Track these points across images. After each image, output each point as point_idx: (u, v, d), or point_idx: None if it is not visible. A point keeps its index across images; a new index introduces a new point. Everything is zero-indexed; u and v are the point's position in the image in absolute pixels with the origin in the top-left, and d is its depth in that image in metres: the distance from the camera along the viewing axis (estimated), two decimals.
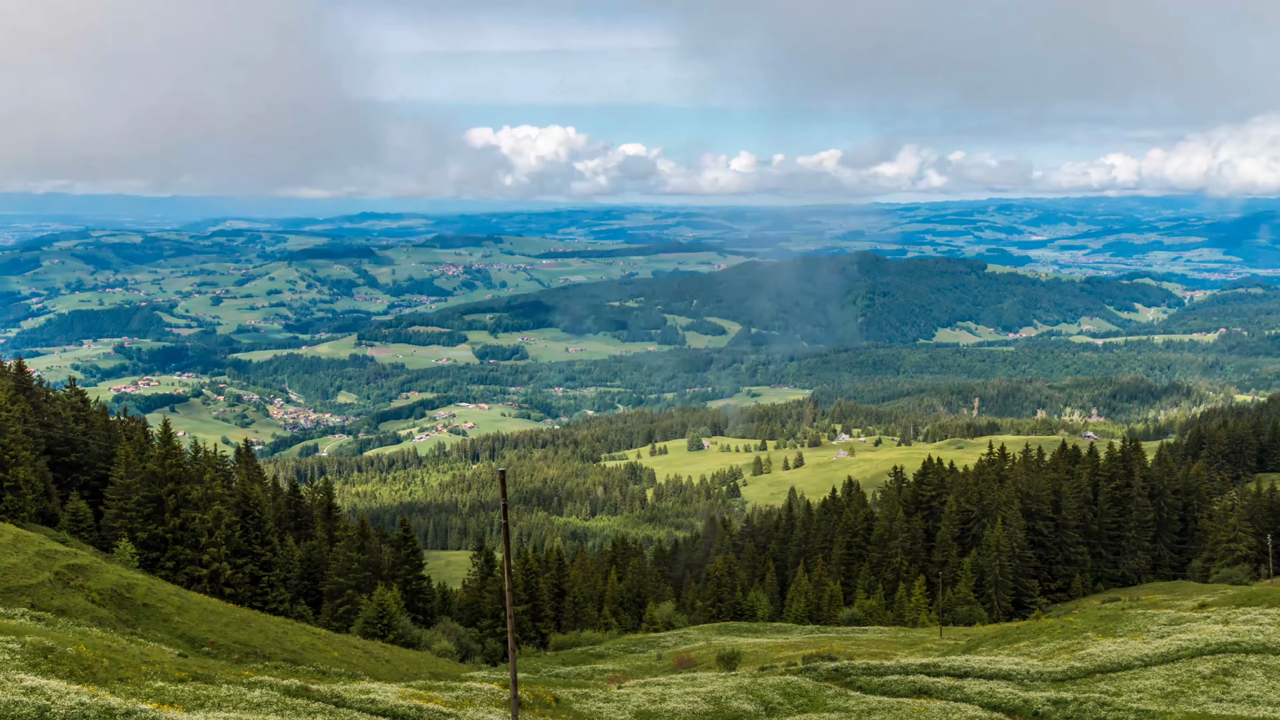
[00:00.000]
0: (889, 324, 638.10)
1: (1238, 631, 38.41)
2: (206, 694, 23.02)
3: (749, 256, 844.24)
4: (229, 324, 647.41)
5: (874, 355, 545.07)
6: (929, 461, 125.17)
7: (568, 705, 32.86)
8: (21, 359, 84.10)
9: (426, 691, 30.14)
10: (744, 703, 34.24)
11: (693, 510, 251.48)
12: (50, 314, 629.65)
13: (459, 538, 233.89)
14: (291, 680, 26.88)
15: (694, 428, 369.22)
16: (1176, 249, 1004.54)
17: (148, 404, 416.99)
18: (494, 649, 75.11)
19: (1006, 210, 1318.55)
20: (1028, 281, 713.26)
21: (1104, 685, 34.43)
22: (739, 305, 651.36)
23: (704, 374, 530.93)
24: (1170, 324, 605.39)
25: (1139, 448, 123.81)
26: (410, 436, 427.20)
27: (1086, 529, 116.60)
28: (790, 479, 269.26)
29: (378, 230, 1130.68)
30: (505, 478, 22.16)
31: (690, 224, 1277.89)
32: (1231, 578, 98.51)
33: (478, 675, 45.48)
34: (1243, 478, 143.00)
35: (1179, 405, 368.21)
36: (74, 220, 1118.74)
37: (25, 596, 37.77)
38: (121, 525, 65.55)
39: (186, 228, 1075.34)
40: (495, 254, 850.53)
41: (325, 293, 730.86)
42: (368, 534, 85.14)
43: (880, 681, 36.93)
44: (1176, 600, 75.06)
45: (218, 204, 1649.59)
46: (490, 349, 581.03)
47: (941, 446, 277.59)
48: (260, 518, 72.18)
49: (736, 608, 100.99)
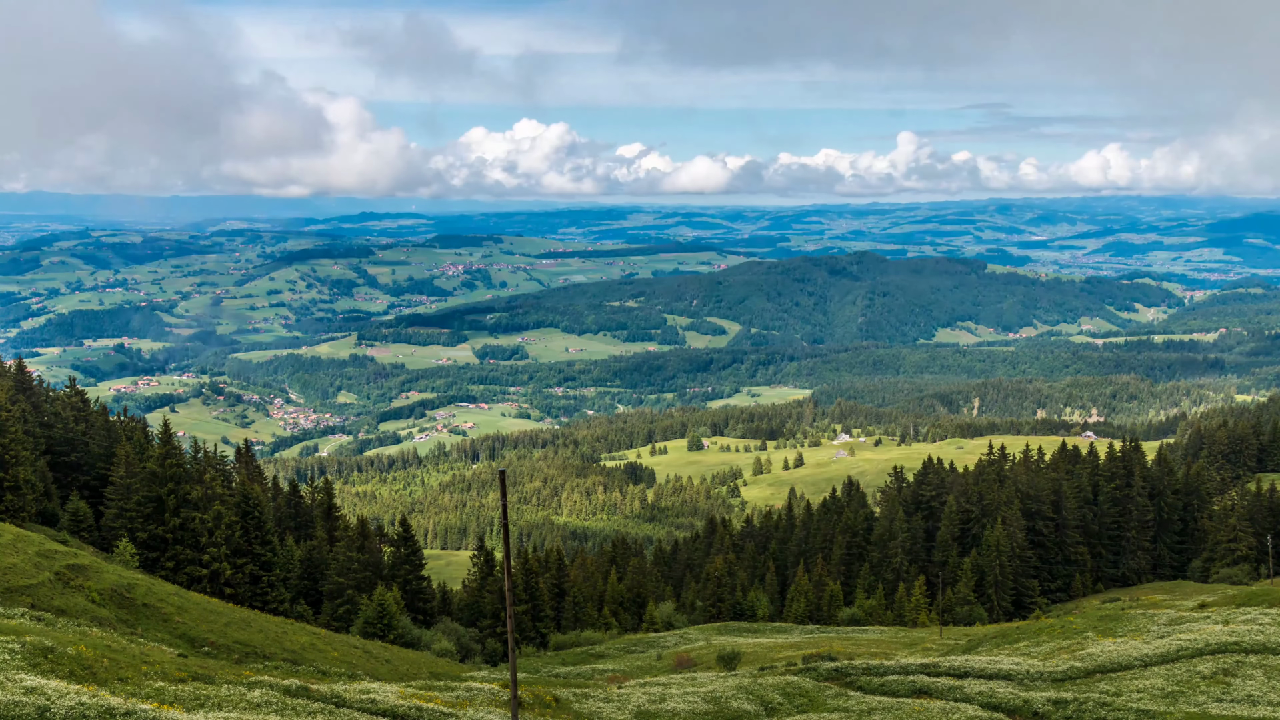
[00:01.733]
0: (889, 324, 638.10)
1: (1238, 631, 38.41)
2: (206, 694, 23.02)
3: (749, 256, 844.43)
4: (229, 324, 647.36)
5: (874, 355, 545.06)
6: (929, 461, 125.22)
7: (568, 705, 32.86)
8: (21, 359, 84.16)
9: (426, 691, 30.13)
10: (744, 703, 34.23)
11: (693, 510, 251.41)
12: (50, 314, 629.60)
13: (459, 538, 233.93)
14: (291, 680, 26.88)
15: (694, 428, 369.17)
16: (1176, 249, 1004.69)
17: (148, 404, 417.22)
18: (494, 649, 75.12)
19: (1006, 210, 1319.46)
20: (1028, 281, 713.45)
21: (1104, 685, 34.43)
22: (739, 305, 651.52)
23: (704, 374, 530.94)
24: (1170, 324, 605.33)
25: (1139, 448, 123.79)
26: (410, 436, 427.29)
27: (1086, 529, 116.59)
28: (790, 479, 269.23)
29: (378, 230, 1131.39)
30: (505, 478, 22.15)
31: (690, 224, 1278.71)
32: (1231, 578, 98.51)
33: (478, 675, 45.48)
34: (1243, 478, 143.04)
35: (1179, 405, 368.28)
36: (74, 220, 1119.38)
37: (25, 596, 37.77)
38: (121, 525, 65.55)
39: (186, 228, 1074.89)
40: (495, 254, 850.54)
41: (325, 293, 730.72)
42: (368, 534, 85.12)
43: (880, 681, 36.93)
44: (1176, 600, 75.05)
45: (218, 204, 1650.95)
46: (490, 349, 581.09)
47: (941, 446, 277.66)
48: (260, 518, 72.17)
49: (736, 608, 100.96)
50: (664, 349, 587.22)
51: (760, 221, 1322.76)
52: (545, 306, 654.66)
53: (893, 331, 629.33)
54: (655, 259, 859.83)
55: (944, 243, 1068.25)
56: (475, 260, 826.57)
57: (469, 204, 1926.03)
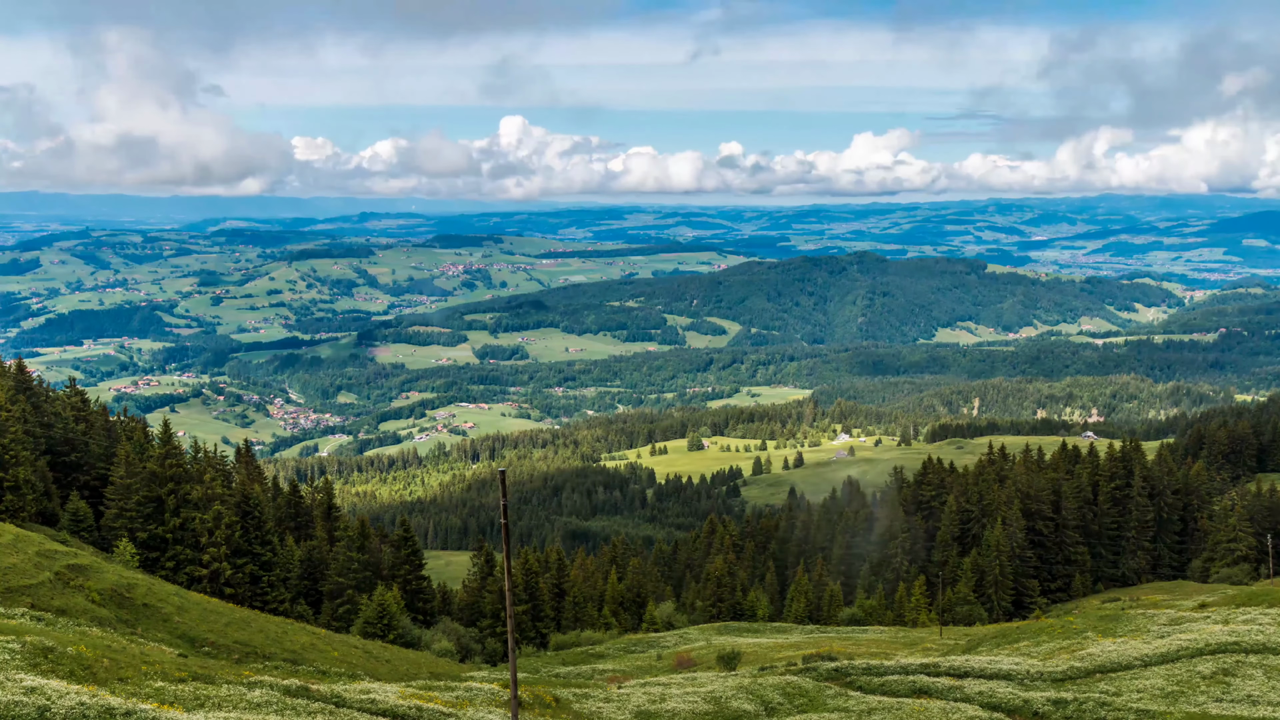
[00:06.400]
0: (889, 324, 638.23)
1: (1238, 631, 38.41)
2: (206, 694, 23.02)
3: (749, 256, 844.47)
4: (229, 324, 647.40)
5: (874, 355, 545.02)
6: (929, 461, 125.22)
7: (568, 705, 32.86)
8: (21, 359, 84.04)
9: (426, 691, 30.13)
10: (744, 703, 34.23)
11: (693, 510, 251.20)
12: (50, 314, 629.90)
13: (459, 538, 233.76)
14: (291, 680, 26.87)
15: (694, 428, 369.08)
16: (1176, 249, 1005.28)
17: (148, 404, 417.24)
18: (494, 649, 75.11)
19: (1006, 210, 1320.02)
20: (1028, 281, 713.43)
21: (1104, 685, 34.43)
22: (739, 305, 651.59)
23: (704, 374, 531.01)
24: (1170, 324, 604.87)
25: (1139, 448, 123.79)
26: (410, 436, 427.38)
27: (1086, 529, 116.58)
28: (790, 479, 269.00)
29: (378, 230, 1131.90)
30: (505, 478, 22.15)
31: (690, 224, 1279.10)
32: (1231, 578, 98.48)
33: (478, 675, 45.48)
34: (1243, 478, 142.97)
35: (1179, 405, 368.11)
36: (74, 220, 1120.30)
37: (25, 596, 37.77)
38: (121, 525, 65.53)
39: (186, 228, 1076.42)
40: (495, 254, 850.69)
41: (325, 293, 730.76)
42: (368, 534, 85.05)
43: (880, 681, 36.92)
44: (1176, 600, 75.05)
45: (218, 204, 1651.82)
46: (490, 349, 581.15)
47: (941, 446, 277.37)
48: (260, 518, 72.16)
49: (736, 608, 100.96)
50: (664, 349, 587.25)
51: (760, 221, 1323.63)
52: (545, 306, 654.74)
53: (893, 331, 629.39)
54: (655, 259, 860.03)
55: (944, 243, 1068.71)
56: (475, 260, 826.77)
57: (469, 204, 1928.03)
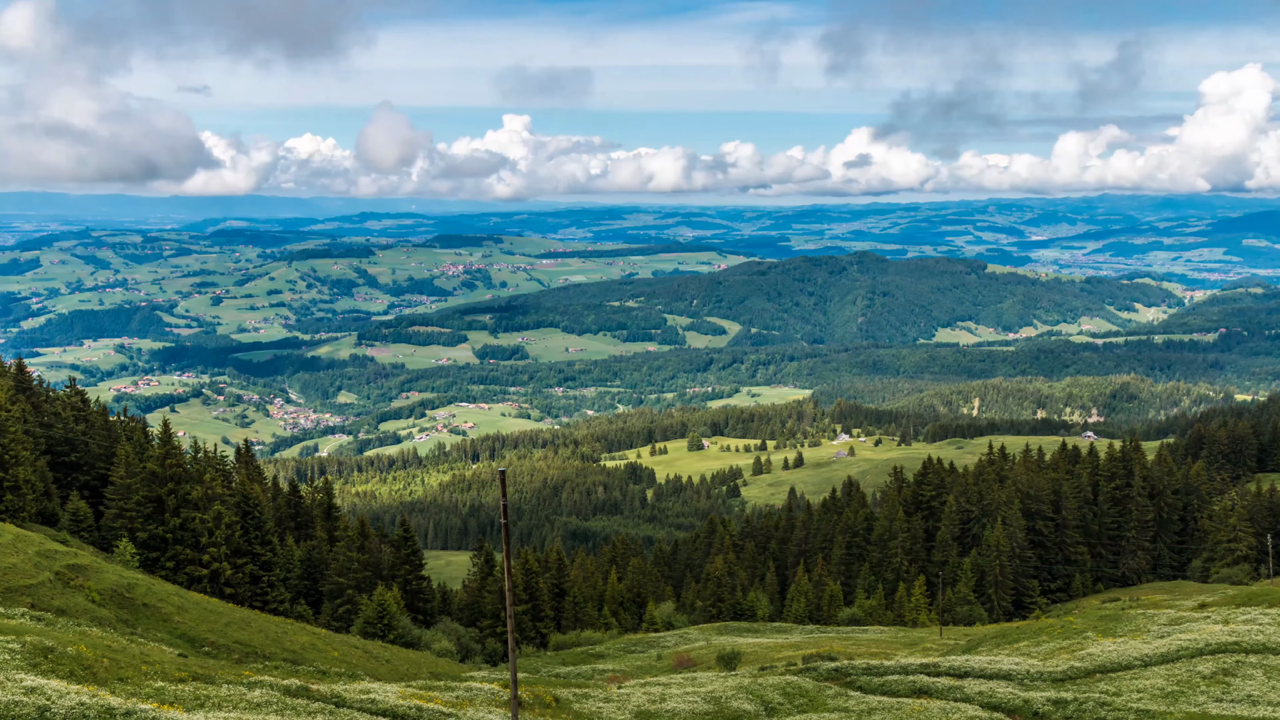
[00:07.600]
0: (889, 324, 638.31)
1: (1238, 631, 38.40)
2: (207, 694, 23.03)
3: (749, 256, 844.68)
4: (229, 324, 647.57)
5: (874, 355, 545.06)
6: (929, 461, 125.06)
7: (568, 705, 32.86)
8: (21, 359, 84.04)
9: (426, 691, 30.13)
10: (744, 703, 34.23)
11: (693, 510, 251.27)
12: (50, 314, 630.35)
13: (459, 538, 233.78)
14: (291, 680, 26.88)
15: (694, 428, 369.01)
16: (1176, 249, 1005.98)
17: (148, 404, 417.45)
18: (494, 649, 75.11)
19: (1006, 210, 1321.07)
20: (1028, 281, 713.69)
21: (1104, 685, 34.42)
22: (739, 305, 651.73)
23: (704, 374, 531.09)
24: (1170, 324, 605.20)
25: (1139, 448, 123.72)
26: (410, 436, 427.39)
27: (1086, 529, 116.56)
28: (790, 479, 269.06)
29: (378, 230, 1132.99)
30: (505, 478, 22.15)
31: (690, 224, 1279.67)
32: (1231, 578, 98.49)
33: (478, 675, 45.48)
34: (1243, 478, 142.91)
35: (1179, 405, 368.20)
36: (74, 220, 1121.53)
37: (25, 596, 37.77)
38: (121, 525, 65.51)
39: (186, 228, 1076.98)
40: (495, 254, 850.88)
41: (325, 293, 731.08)
42: (368, 534, 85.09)
43: (880, 681, 36.92)
44: (1176, 600, 75.05)
45: (218, 204, 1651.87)
46: (490, 349, 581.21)
47: (941, 446, 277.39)
48: (260, 518, 72.14)
49: (736, 608, 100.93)
50: (664, 349, 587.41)
51: (760, 221, 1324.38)
52: (545, 306, 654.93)
53: (893, 331, 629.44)
54: (655, 259, 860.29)
55: (944, 243, 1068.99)
56: (475, 260, 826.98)
57: (469, 204, 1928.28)
